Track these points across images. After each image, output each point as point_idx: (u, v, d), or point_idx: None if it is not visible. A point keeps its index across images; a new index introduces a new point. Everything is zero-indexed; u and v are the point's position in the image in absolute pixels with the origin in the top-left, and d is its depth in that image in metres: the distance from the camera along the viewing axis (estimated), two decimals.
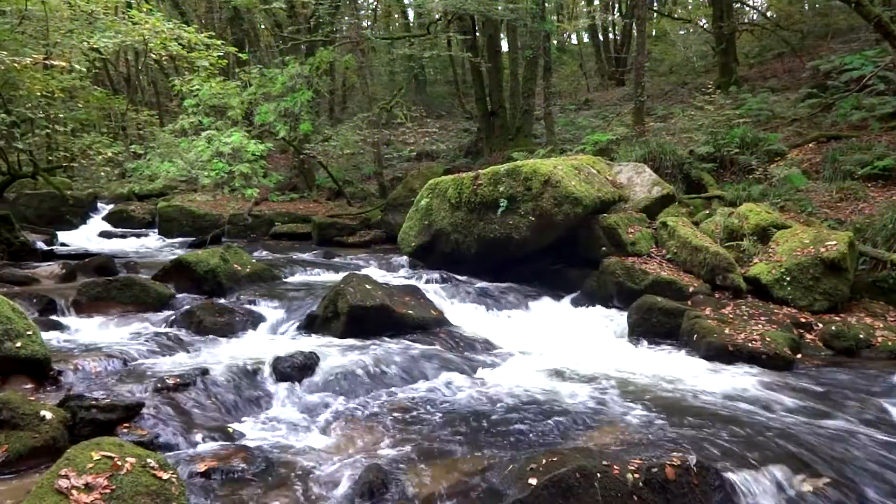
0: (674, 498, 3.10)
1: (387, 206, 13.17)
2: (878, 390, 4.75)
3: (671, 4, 27.21)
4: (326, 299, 6.14)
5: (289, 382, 4.70)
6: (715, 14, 17.57)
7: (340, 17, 16.55)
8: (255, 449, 3.68)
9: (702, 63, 21.15)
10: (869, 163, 9.47)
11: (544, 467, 3.15)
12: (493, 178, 7.89)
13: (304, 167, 17.45)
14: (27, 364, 4.34)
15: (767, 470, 3.35)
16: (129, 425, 3.75)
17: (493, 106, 16.92)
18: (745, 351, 5.33)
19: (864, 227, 7.79)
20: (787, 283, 6.58)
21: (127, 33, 9.66)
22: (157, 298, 6.66)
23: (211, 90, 11.32)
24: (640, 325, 6.19)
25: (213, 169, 10.19)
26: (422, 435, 3.92)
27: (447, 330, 6.17)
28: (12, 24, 9.67)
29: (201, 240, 12.42)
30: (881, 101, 11.06)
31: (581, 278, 7.64)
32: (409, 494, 3.24)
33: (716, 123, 11.82)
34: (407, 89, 22.02)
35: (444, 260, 8.54)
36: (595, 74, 26.83)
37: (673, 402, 4.40)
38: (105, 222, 15.37)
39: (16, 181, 12.48)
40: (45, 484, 2.68)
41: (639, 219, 8.02)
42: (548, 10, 17.85)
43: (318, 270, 9.15)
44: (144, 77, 24.57)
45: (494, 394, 4.59)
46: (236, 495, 3.21)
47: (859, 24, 15.11)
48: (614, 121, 16.50)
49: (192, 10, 23.22)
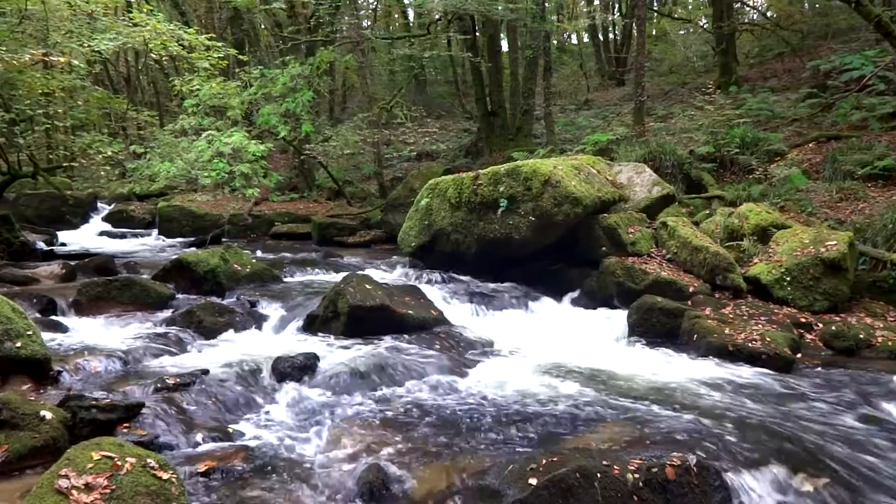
0: (674, 498, 3.10)
1: (387, 206, 13.17)
2: (878, 390, 4.74)
3: (671, 4, 27.22)
4: (326, 299, 6.13)
5: (289, 382, 4.71)
6: (715, 14, 17.59)
7: (340, 17, 16.55)
8: (255, 449, 3.68)
9: (702, 63, 21.17)
10: (869, 163, 9.46)
11: (544, 467, 3.15)
12: (493, 178, 7.89)
13: (305, 167, 17.46)
14: (27, 364, 4.33)
15: (767, 470, 3.35)
16: (129, 425, 3.75)
17: (493, 106, 16.92)
18: (745, 351, 5.32)
19: (864, 227, 7.79)
20: (787, 283, 6.58)
21: (128, 35, 9.67)
22: (157, 298, 6.65)
23: (211, 90, 11.32)
24: (641, 325, 6.19)
25: (214, 169, 10.20)
26: (422, 435, 3.91)
27: (447, 330, 6.17)
28: (12, 23, 9.67)
29: (201, 240, 12.42)
30: (881, 101, 11.07)
31: (581, 278, 7.63)
32: (409, 494, 3.24)
33: (716, 123, 11.83)
34: (407, 89, 22.01)
35: (444, 260, 8.54)
36: (595, 74, 26.83)
37: (673, 402, 4.40)
38: (105, 222, 15.37)
39: (16, 181, 12.50)
40: (45, 484, 2.68)
41: (639, 219, 8.02)
42: (548, 10, 17.83)
43: (318, 270, 9.15)
44: (144, 77, 24.57)
45: (494, 394, 4.59)
46: (236, 495, 3.21)
47: (859, 24, 15.12)
48: (614, 121, 16.51)
49: (193, 11, 23.22)
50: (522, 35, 17.40)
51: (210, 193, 13.80)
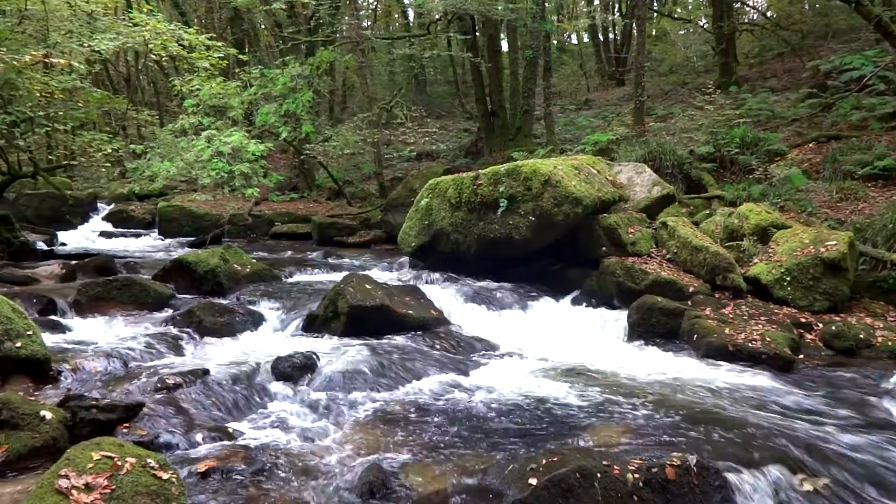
0: (674, 498, 3.10)
1: (387, 206, 13.17)
2: (878, 390, 4.75)
3: (671, 4, 27.21)
4: (326, 299, 6.13)
5: (289, 382, 4.71)
6: (715, 14, 17.58)
7: (340, 18, 16.55)
8: (255, 449, 3.67)
9: (702, 63, 21.16)
10: (869, 163, 9.47)
11: (544, 467, 3.15)
12: (493, 178, 7.89)
13: (305, 167, 17.46)
14: (27, 364, 4.34)
15: (767, 470, 3.35)
16: (129, 425, 3.75)
17: (493, 106, 16.92)
18: (746, 351, 5.32)
19: (864, 227, 7.79)
20: (787, 283, 6.58)
21: (128, 35, 9.67)
22: (157, 298, 6.66)
23: (211, 90, 11.32)
24: (641, 325, 6.19)
25: (213, 168, 10.20)
26: (422, 434, 3.91)
27: (447, 330, 6.17)
28: (12, 23, 9.67)
29: (201, 240, 12.42)
30: (881, 101, 11.07)
31: (581, 278, 7.63)
32: (409, 494, 3.24)
33: (716, 123, 11.82)
34: (407, 89, 21.99)
35: (444, 260, 8.53)
36: (595, 74, 26.84)
37: (673, 402, 4.40)
38: (105, 222, 15.40)
39: (16, 181, 12.50)
40: (45, 484, 2.68)
41: (639, 219, 8.02)
42: (548, 10, 17.85)
43: (318, 270, 9.16)
44: (144, 77, 24.58)
45: (494, 394, 4.59)
46: (236, 495, 3.21)
47: (859, 24, 15.11)
48: (614, 121, 16.50)
49: (193, 11, 23.23)
50: (522, 35, 17.41)
51: (210, 193, 13.81)
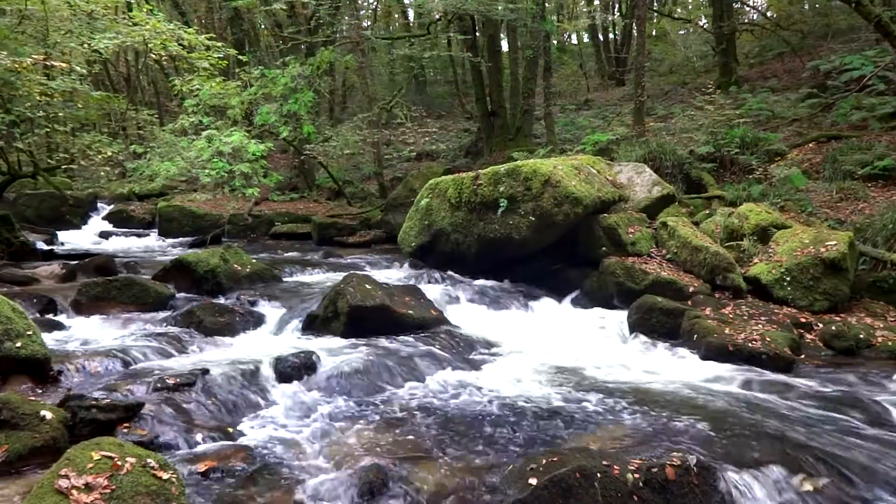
0: (674, 498, 3.10)
1: (387, 206, 13.17)
2: (878, 390, 4.75)
3: (671, 4, 27.22)
4: (326, 299, 6.13)
5: (289, 382, 4.71)
6: (715, 14, 17.59)
7: (340, 18, 16.55)
8: (255, 449, 3.68)
9: (702, 63, 21.16)
10: (869, 163, 9.47)
11: (544, 467, 3.15)
12: (493, 178, 7.89)
13: (305, 167, 17.46)
14: (27, 364, 4.33)
15: (767, 470, 3.35)
16: (129, 425, 3.75)
17: (493, 106, 16.91)
18: (746, 351, 5.32)
19: (864, 227, 7.79)
20: (787, 283, 6.58)
21: (127, 34, 9.68)
22: (157, 298, 6.65)
23: (211, 90, 11.32)
24: (640, 325, 6.19)
25: (214, 168, 10.20)
26: (422, 435, 3.91)
27: (447, 330, 6.17)
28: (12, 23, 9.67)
29: (201, 240, 12.42)
30: (881, 101, 11.07)
31: (581, 278, 7.63)
32: (409, 494, 3.24)
33: (716, 123, 11.82)
34: (407, 89, 22.01)
35: (444, 260, 8.53)
36: (595, 74, 26.84)
37: (673, 401, 4.40)
38: (105, 222, 15.40)
39: (16, 181, 12.49)
40: (45, 484, 2.67)
41: (639, 219, 8.02)
42: (548, 10, 17.83)
43: (318, 270, 9.15)
44: (144, 77, 24.56)
45: (494, 394, 4.59)
46: (236, 495, 3.21)
47: (859, 24, 15.10)
48: (614, 121, 16.51)
49: (193, 11, 23.23)
50: (522, 35, 17.39)
51: (210, 193, 13.81)
